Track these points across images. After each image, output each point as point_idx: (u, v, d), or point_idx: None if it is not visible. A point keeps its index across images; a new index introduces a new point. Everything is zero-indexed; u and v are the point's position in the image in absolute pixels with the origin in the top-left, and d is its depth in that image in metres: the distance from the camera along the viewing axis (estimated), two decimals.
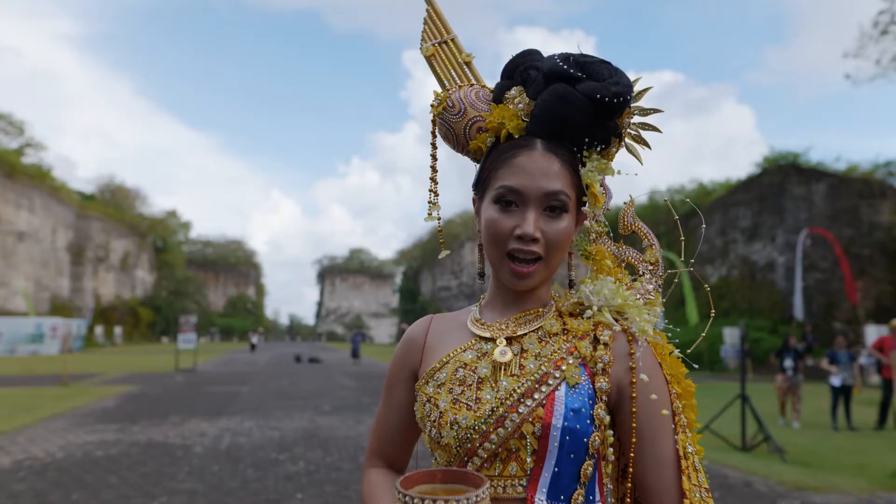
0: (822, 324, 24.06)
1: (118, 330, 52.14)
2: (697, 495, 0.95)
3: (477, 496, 0.83)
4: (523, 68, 1.06)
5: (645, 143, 1.10)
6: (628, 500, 1.02)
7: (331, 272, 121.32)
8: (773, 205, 27.83)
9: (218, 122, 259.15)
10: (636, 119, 1.07)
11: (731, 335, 24.09)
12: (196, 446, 7.92)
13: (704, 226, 1.41)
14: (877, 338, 14.09)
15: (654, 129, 1.08)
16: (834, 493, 5.97)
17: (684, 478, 0.95)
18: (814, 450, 8.20)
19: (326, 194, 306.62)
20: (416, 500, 0.82)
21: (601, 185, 1.09)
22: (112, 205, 63.01)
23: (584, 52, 1.04)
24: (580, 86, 0.99)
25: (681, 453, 0.96)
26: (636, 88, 1.05)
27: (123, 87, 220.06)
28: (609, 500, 1.01)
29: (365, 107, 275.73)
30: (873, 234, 25.28)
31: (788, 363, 10.48)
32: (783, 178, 27.54)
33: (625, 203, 1.13)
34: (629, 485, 1.01)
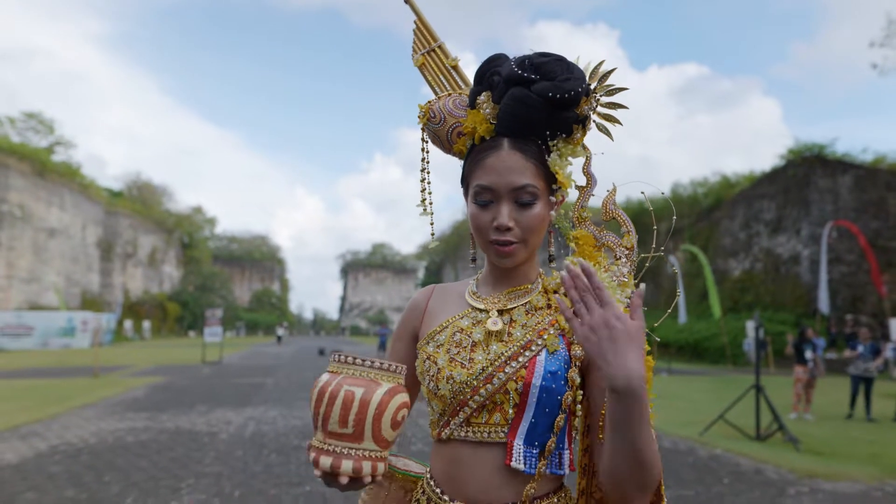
0: (847, 317, 23.74)
1: (147, 324, 53.13)
2: None
3: (398, 368, 1.05)
4: (489, 74, 1.17)
5: (615, 121, 1.20)
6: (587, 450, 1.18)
7: (354, 267, 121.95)
8: (798, 197, 27.43)
9: (242, 120, 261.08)
10: (605, 99, 1.18)
11: (753, 329, 23.88)
12: (222, 433, 8.20)
13: (675, 216, 1.55)
14: None
15: (622, 106, 1.19)
16: (844, 481, 6.04)
17: None
18: (829, 440, 8.23)
19: (349, 190, 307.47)
20: (347, 359, 1.05)
21: (588, 173, 1.23)
22: (139, 201, 64.01)
23: (542, 52, 1.15)
24: (534, 87, 1.10)
25: None
26: (603, 69, 1.17)
27: (150, 85, 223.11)
28: (575, 448, 1.19)
29: (387, 103, 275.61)
30: None
31: (810, 354, 10.42)
32: (808, 170, 27.09)
33: (608, 191, 1.25)
34: (600, 437, 1.14)
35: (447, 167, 1.35)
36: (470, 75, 1.29)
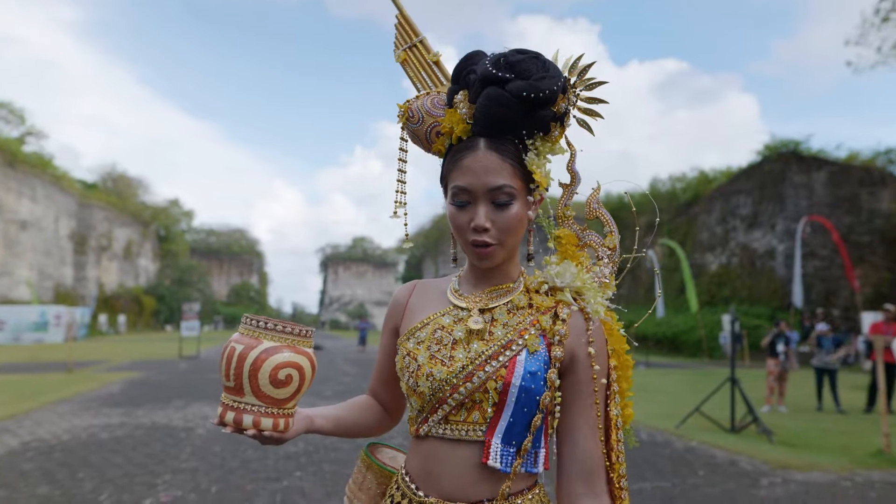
0: (817, 311, 24.21)
1: (122, 318, 52.38)
2: (616, 447, 1.17)
3: (306, 330, 1.12)
4: (466, 73, 1.16)
5: (596, 115, 1.19)
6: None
7: (334, 261, 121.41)
8: (774, 193, 27.87)
9: (220, 112, 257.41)
10: (585, 94, 1.17)
11: (729, 322, 24.22)
12: (198, 429, 8.12)
13: (658, 220, 1.55)
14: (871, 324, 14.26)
15: (602, 101, 1.18)
16: (816, 472, 6.16)
17: (612, 434, 1.17)
18: (802, 432, 8.39)
19: (329, 183, 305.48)
20: (255, 321, 1.10)
21: (572, 171, 1.23)
22: (114, 193, 62.95)
23: (519, 49, 1.14)
24: (509, 86, 1.08)
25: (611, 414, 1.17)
26: (583, 62, 1.16)
27: (125, 75, 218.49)
28: (551, 447, 1.19)
29: (367, 95, 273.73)
30: (873, 221, 25.39)
31: (781, 348, 10.67)
32: (784, 165, 27.53)
33: (592, 189, 1.25)
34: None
35: (427, 161, 1.33)
36: (451, 71, 1.27)
